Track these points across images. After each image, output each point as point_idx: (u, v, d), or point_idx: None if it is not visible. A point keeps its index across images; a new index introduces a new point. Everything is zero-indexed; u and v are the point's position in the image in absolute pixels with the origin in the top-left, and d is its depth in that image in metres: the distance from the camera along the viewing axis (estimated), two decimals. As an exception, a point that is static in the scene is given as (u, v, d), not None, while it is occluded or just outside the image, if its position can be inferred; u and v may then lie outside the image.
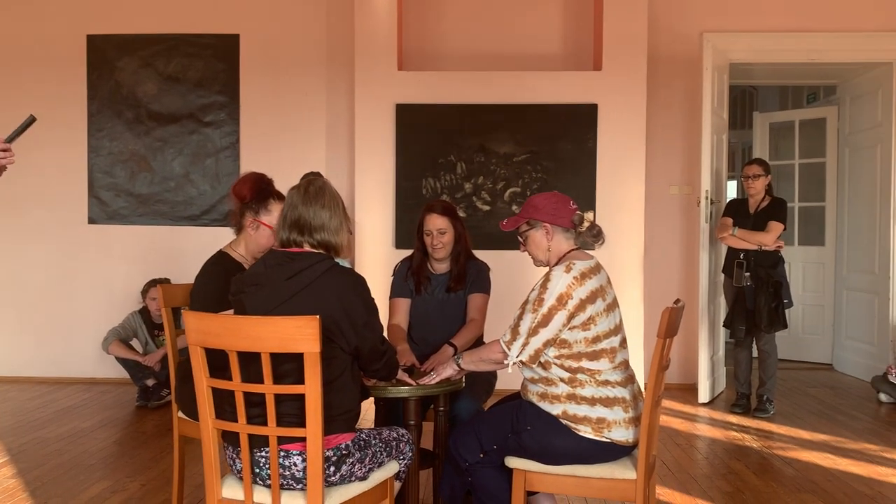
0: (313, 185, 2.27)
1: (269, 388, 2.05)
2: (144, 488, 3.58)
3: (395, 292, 3.43)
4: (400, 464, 2.43)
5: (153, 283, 5.46)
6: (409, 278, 3.41)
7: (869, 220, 6.23)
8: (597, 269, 2.54)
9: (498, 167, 5.64)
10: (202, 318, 2.11)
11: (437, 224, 3.29)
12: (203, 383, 2.13)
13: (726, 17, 5.85)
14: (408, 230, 5.37)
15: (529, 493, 2.71)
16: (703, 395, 5.43)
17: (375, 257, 5.61)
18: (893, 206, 5.87)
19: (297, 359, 2.03)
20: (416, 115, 5.62)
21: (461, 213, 5.37)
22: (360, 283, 2.23)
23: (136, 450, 4.21)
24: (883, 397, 5.43)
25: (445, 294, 3.36)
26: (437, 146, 5.64)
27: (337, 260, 2.29)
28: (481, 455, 2.53)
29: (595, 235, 2.60)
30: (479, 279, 3.37)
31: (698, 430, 4.76)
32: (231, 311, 2.31)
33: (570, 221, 2.58)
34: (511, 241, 2.73)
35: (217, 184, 5.98)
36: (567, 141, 5.62)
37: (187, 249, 5.78)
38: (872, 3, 5.84)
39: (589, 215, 2.61)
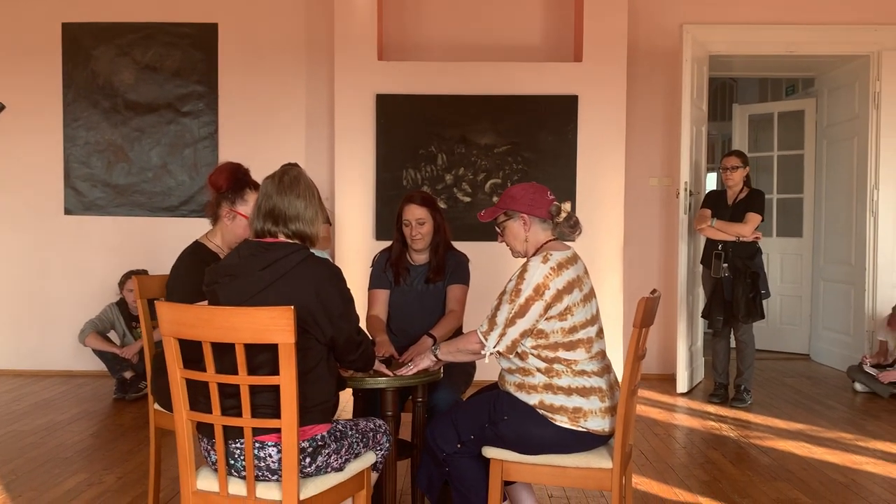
0: (288, 175, 2.25)
1: (243, 380, 2.04)
2: (121, 481, 3.56)
3: (374, 283, 3.42)
4: (377, 455, 2.42)
5: (131, 275, 5.41)
6: (387, 269, 3.40)
7: (846, 212, 6.29)
8: (574, 259, 2.54)
9: (479, 158, 5.64)
10: (176, 308, 2.09)
11: (416, 214, 3.28)
12: (177, 374, 2.11)
13: (706, 10, 5.87)
14: (388, 221, 5.36)
15: (506, 483, 2.72)
16: (682, 385, 5.47)
17: (355, 248, 5.59)
18: (870, 198, 5.93)
19: (272, 350, 2.01)
20: (397, 105, 5.60)
21: (442, 205, 5.38)
22: (335, 274, 2.21)
23: (112, 442, 4.18)
24: (858, 387, 5.49)
25: (424, 285, 3.35)
26: (417, 137, 5.62)
27: (316, 251, 2.28)
28: (458, 445, 2.53)
29: (572, 226, 2.60)
30: (458, 270, 3.36)
31: (676, 419, 4.79)
32: (206, 302, 2.29)
33: (548, 212, 2.58)
34: (492, 233, 2.73)
35: (195, 174, 5.92)
36: (548, 132, 5.62)
37: (165, 241, 5.72)
38: (850, -4, 5.89)
39: (566, 206, 2.61)
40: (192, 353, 2.10)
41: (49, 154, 5.96)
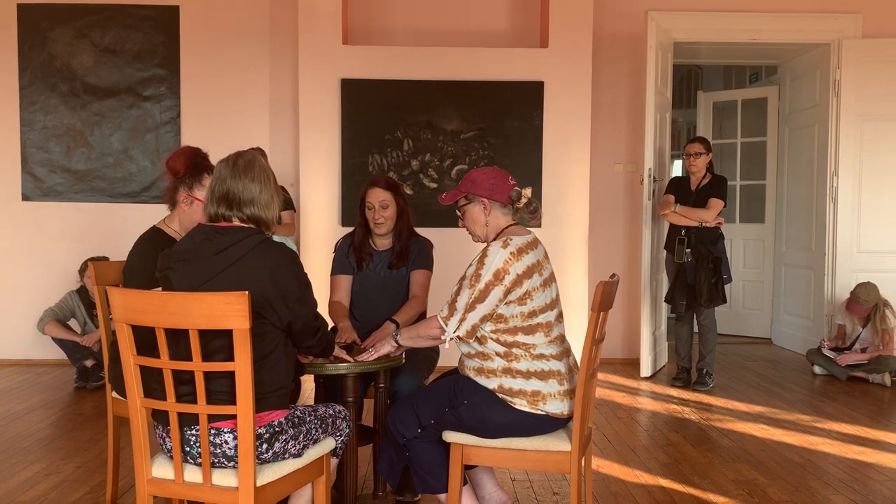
0: (242, 158, 2.22)
1: (197, 366, 2.01)
2: (80, 470, 3.51)
3: (337, 269, 3.40)
4: (336, 440, 2.41)
5: (91, 262, 5.30)
6: (350, 255, 3.38)
7: (807, 198, 6.39)
8: (534, 244, 2.54)
9: (445, 144, 5.62)
10: (128, 294, 2.06)
11: (379, 197, 3.26)
12: (130, 361, 2.08)
13: (671, -4, 5.90)
14: (353, 207, 5.30)
15: (468, 467, 2.73)
16: (645, 369, 5.54)
17: (321, 234, 5.55)
18: (830, 185, 6.03)
19: (227, 335, 1.99)
20: (362, 90, 5.55)
21: (408, 191, 5.36)
22: (291, 258, 2.19)
23: (72, 432, 4.11)
24: (817, 369, 5.60)
25: (388, 271, 3.34)
26: (383, 122, 5.58)
27: (279, 237, 2.25)
28: (419, 430, 2.53)
29: (532, 212, 2.60)
30: (421, 256, 3.36)
31: (640, 403, 4.85)
32: (160, 289, 2.25)
33: (508, 197, 2.58)
34: (457, 219, 2.72)
35: (157, 160, 5.82)
36: (514, 118, 5.62)
37: (127, 227, 5.62)
38: (812, -16, 5.95)
39: (527, 191, 2.61)
40: (147, 339, 2.07)
41: (5, 139, 5.82)
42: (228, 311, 1.95)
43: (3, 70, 5.77)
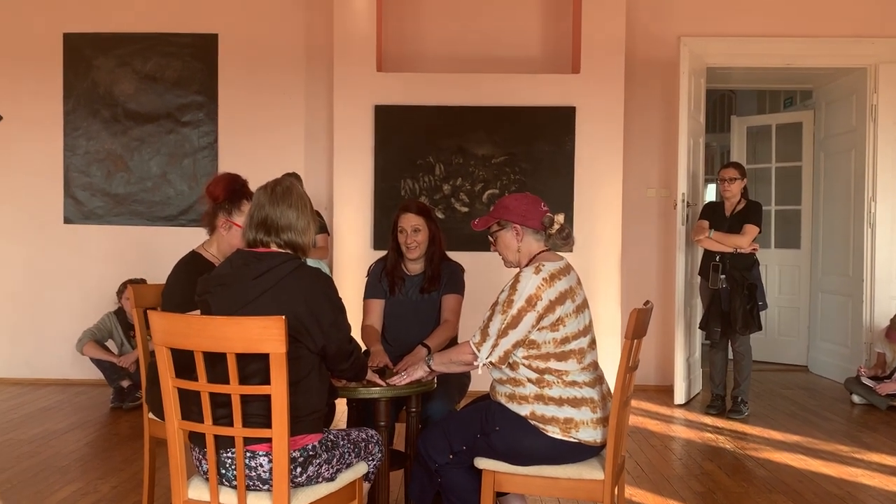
0: (280, 186, 2.27)
1: (234, 389, 2.05)
2: (115, 490, 3.56)
3: (370, 293, 3.43)
4: (369, 465, 2.42)
5: (129, 284, 5.41)
6: (383, 279, 3.41)
7: (843, 224, 6.30)
8: (566, 270, 2.55)
9: (476, 169, 5.65)
10: (168, 318, 2.10)
11: (411, 222, 3.30)
12: (169, 384, 2.12)
13: (704, 22, 5.90)
14: (386, 231, 5.31)
15: (499, 494, 2.72)
16: (679, 396, 5.46)
17: (353, 258, 5.60)
18: (867, 210, 5.94)
19: (264, 359, 2.02)
20: (395, 116, 5.62)
21: (439, 215, 5.40)
22: (326, 282, 2.23)
23: (108, 451, 4.18)
24: (856, 399, 5.48)
25: (419, 295, 3.36)
26: (415, 147, 5.64)
27: (312, 261, 2.29)
28: (450, 456, 2.53)
29: (565, 238, 2.61)
30: (452, 280, 3.37)
31: (673, 431, 4.79)
32: (198, 312, 2.30)
33: (541, 223, 2.59)
34: (489, 243, 2.74)
35: (195, 184, 5.94)
36: (545, 143, 5.64)
37: (164, 250, 5.71)
38: (847, 9, 5.91)
39: (559, 217, 2.62)
40: (185, 361, 2.11)
41: (49, 163, 5.99)
42: (265, 335, 1.98)
43: (50, 97, 5.96)
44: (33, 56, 5.95)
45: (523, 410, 2.45)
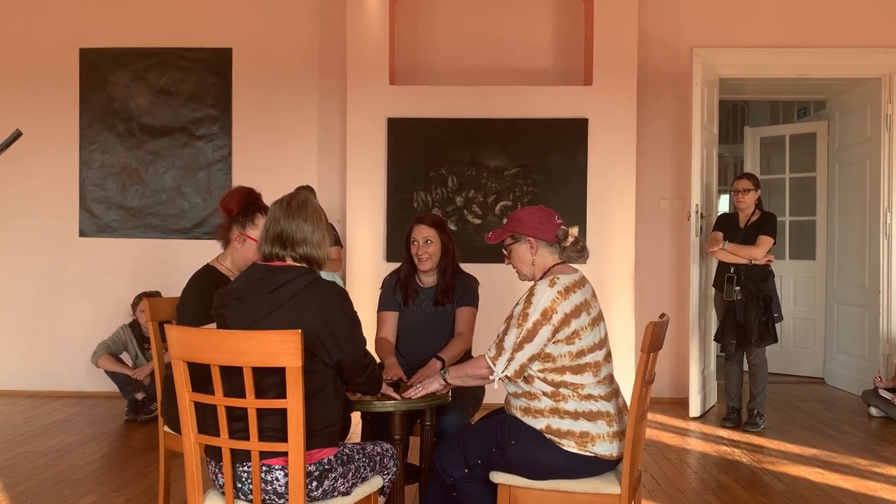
0: (296, 200, 2.28)
1: (250, 403, 2.05)
2: (130, 503, 3.56)
3: (383, 305, 3.43)
4: (384, 479, 2.42)
5: (143, 296, 5.44)
6: (396, 291, 3.41)
7: (859, 235, 6.25)
8: (581, 282, 2.54)
9: (489, 181, 5.66)
10: (184, 331, 2.11)
11: (423, 234, 3.30)
12: (185, 397, 2.13)
13: (716, 33, 5.89)
14: (398, 243, 5.34)
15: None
16: (694, 409, 5.42)
17: (366, 270, 5.61)
18: (883, 221, 5.90)
19: (280, 373, 2.03)
20: (408, 128, 5.64)
21: (452, 227, 5.39)
22: (341, 296, 2.23)
23: (123, 464, 4.19)
24: (874, 411, 5.43)
25: (433, 307, 3.36)
26: (428, 160, 5.65)
27: (326, 273, 2.30)
28: (466, 470, 2.52)
29: (579, 251, 2.60)
30: (466, 292, 3.37)
31: (689, 444, 4.75)
32: (214, 325, 2.31)
33: (555, 236, 2.58)
34: (502, 255, 2.74)
35: (209, 197, 5.98)
36: (558, 155, 5.64)
37: (179, 263, 5.76)
38: (860, 19, 5.89)
39: (574, 230, 2.62)
40: (201, 375, 2.11)
41: (65, 177, 6.04)
42: (281, 348, 1.98)
43: (66, 111, 6.02)
44: (50, 71, 6.02)
45: (539, 424, 2.44)
